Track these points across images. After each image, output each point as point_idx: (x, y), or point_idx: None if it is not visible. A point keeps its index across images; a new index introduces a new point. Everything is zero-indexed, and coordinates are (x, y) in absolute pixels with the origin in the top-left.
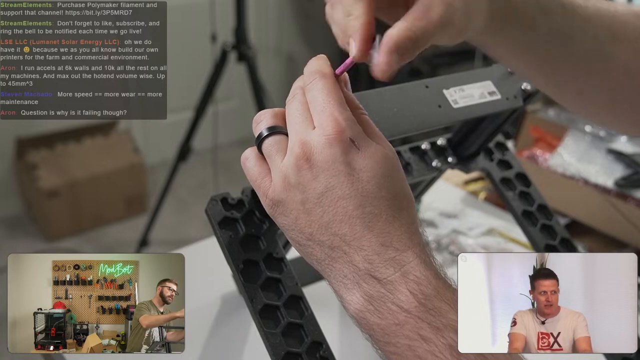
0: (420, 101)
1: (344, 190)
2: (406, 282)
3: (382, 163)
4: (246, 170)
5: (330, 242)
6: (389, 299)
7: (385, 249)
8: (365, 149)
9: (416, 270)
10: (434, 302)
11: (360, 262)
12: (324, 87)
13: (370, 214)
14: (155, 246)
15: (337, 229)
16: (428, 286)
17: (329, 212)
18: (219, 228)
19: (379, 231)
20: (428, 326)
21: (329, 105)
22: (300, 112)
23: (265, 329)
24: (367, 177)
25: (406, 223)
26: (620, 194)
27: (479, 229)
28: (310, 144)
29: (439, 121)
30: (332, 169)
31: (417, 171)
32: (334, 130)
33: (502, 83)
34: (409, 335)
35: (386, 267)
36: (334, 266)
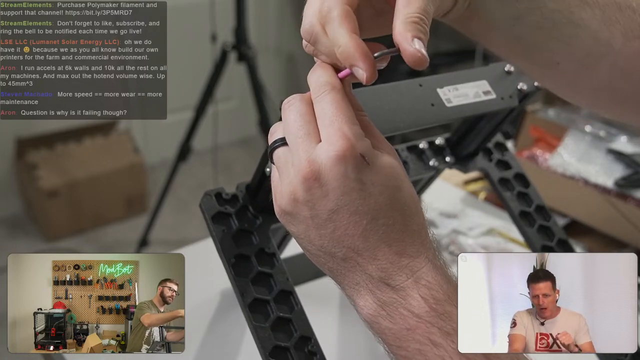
0: (414, 99)
1: (356, 207)
2: (418, 288)
3: (391, 174)
4: (272, 173)
5: (343, 255)
6: (401, 304)
7: (399, 258)
8: (375, 163)
9: (428, 275)
10: (445, 306)
11: (374, 271)
12: (333, 100)
13: (383, 225)
14: (155, 246)
15: (350, 242)
16: (439, 291)
17: (340, 227)
18: (212, 223)
19: (393, 241)
20: (438, 331)
21: (338, 120)
22: (300, 125)
23: (255, 323)
24: (378, 191)
25: (417, 229)
26: (620, 194)
27: (479, 229)
28: (318, 161)
29: (431, 119)
30: (343, 186)
31: (414, 170)
32: (343, 147)
33: (498, 83)
34: (420, 339)
35: (399, 275)
36: (346, 274)
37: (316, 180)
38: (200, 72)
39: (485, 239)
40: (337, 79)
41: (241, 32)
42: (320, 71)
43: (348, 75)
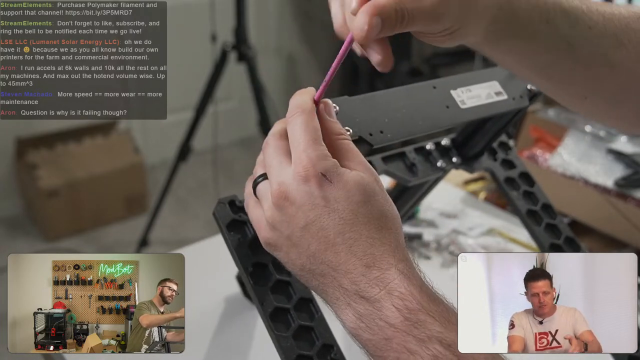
0: (429, 102)
1: (322, 222)
2: (391, 299)
3: (356, 191)
4: (249, 213)
5: (320, 271)
6: (377, 315)
7: (369, 270)
8: (338, 181)
9: (400, 286)
10: (418, 315)
11: (349, 284)
12: (302, 123)
13: (350, 239)
14: (155, 246)
15: (324, 257)
16: (412, 301)
17: (313, 243)
18: (227, 231)
19: (362, 254)
20: (414, 339)
21: (303, 142)
22: (274, 157)
23: (277, 332)
24: (342, 207)
25: (388, 242)
26: (620, 194)
27: (479, 229)
28: (286, 183)
29: (447, 122)
30: (308, 203)
31: (422, 172)
32: (304, 168)
33: (507, 83)
34: (397, 348)
35: (372, 287)
36: (327, 291)
37: (286, 199)
38: (200, 72)
39: (485, 239)
40: (309, 102)
41: (241, 32)
42: (297, 95)
43: (321, 96)
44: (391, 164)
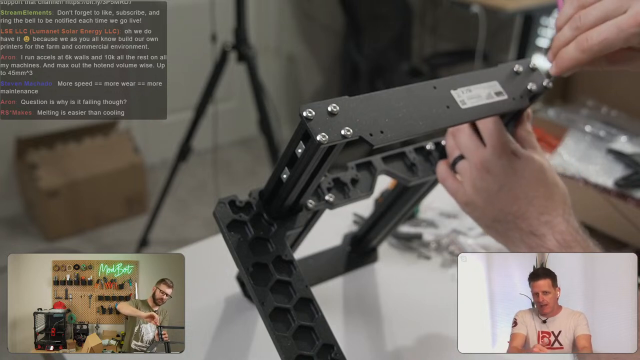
0: (429, 102)
1: (513, 185)
2: (553, 234)
3: (537, 166)
4: (446, 186)
5: (505, 218)
6: (542, 245)
7: (541, 215)
8: (523, 156)
9: (561, 225)
10: (569, 243)
11: (526, 227)
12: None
13: (531, 196)
14: (155, 246)
15: (510, 209)
16: (569, 236)
17: (504, 200)
18: (228, 231)
19: (538, 206)
20: (559, 248)
21: (496, 130)
22: (470, 141)
23: (277, 332)
24: (527, 174)
25: (557, 198)
26: (620, 194)
27: (479, 229)
28: (486, 159)
29: (447, 122)
30: (503, 173)
31: (422, 172)
32: (501, 147)
33: (507, 83)
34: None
35: (542, 228)
36: (508, 234)
37: (487, 171)
38: (200, 72)
39: (485, 239)
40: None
41: (241, 32)
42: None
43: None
44: (391, 164)
